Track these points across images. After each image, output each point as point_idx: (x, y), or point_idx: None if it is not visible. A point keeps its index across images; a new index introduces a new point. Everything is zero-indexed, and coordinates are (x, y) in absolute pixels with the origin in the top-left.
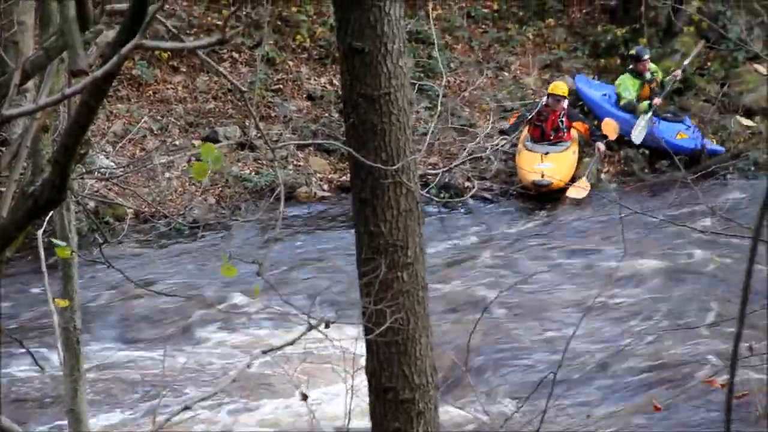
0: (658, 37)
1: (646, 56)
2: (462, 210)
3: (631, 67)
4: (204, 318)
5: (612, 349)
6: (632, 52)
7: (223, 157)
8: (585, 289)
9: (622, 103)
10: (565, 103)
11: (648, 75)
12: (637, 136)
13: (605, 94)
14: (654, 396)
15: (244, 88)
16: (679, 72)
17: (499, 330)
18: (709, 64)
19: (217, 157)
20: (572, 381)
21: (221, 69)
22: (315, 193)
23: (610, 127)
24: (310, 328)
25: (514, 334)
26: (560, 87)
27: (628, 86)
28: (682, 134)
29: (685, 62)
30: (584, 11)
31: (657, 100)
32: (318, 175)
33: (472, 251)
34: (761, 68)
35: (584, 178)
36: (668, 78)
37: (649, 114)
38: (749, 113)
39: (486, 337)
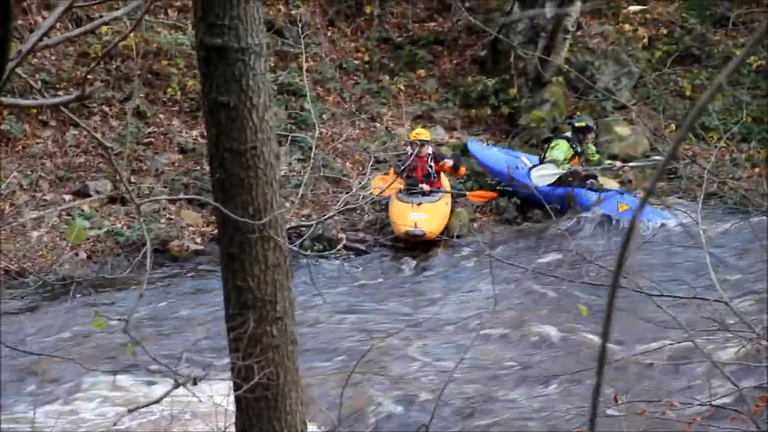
0: (528, 87)
1: (595, 127)
2: (335, 261)
3: (572, 135)
4: (72, 377)
5: (482, 399)
6: (582, 123)
7: (84, 229)
8: (457, 337)
9: (547, 159)
10: (430, 148)
11: (588, 148)
12: (538, 177)
13: (518, 167)
14: None
15: (108, 144)
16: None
17: (372, 381)
18: (578, 113)
19: (79, 235)
20: None
21: (83, 123)
22: (188, 247)
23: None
24: (177, 385)
25: (387, 385)
26: (422, 133)
27: (563, 149)
28: (622, 205)
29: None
30: (455, 62)
31: (578, 167)
32: (191, 228)
33: (344, 303)
34: (624, 128)
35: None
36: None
37: (560, 168)
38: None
39: (359, 388)
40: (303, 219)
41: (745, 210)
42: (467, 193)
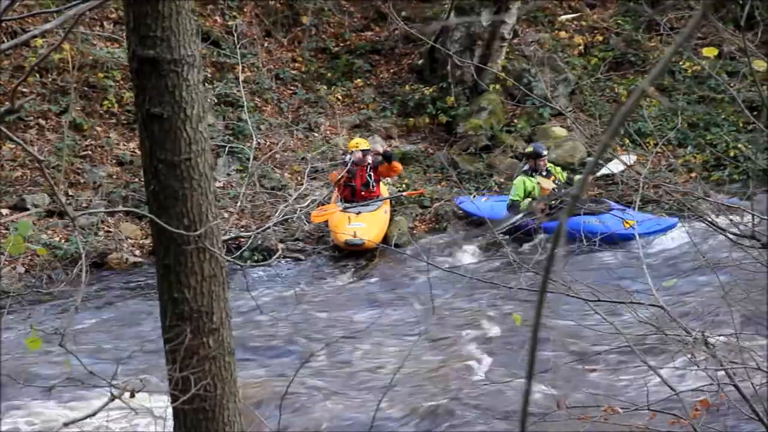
0: (465, 95)
1: (545, 153)
2: (274, 271)
3: (526, 167)
4: (6, 392)
5: (420, 406)
6: (529, 149)
7: (28, 230)
8: (395, 345)
9: (509, 202)
10: (370, 158)
11: (545, 172)
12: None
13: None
14: None
15: (41, 157)
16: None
17: (312, 391)
18: (515, 120)
19: (17, 246)
20: None
21: (17, 137)
22: (126, 259)
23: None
24: (113, 398)
25: (327, 395)
26: (361, 142)
27: (517, 186)
28: (627, 222)
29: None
30: (392, 71)
31: (537, 204)
32: (129, 240)
33: (282, 312)
34: (561, 130)
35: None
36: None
37: (519, 216)
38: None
39: (298, 398)
40: (241, 229)
41: (680, 215)
42: (404, 193)
